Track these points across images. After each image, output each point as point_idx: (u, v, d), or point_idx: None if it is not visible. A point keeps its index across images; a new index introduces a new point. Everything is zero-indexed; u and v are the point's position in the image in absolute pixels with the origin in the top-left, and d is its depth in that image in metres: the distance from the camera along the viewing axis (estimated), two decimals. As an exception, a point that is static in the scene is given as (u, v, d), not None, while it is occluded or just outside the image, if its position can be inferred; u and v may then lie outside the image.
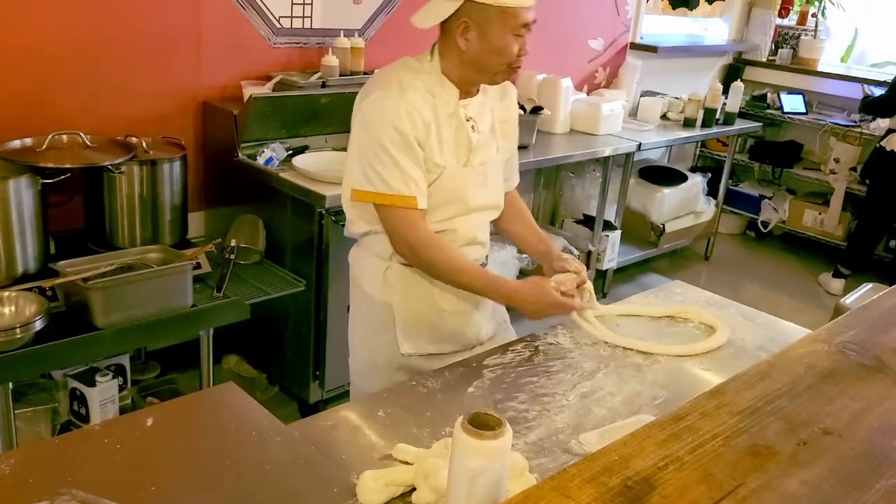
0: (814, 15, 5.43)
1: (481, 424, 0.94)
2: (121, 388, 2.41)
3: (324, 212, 2.50)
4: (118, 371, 2.43)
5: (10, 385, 1.98)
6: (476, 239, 1.80)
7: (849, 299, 2.31)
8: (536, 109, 3.63)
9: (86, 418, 2.30)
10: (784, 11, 5.40)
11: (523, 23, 1.59)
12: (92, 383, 2.28)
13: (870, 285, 2.45)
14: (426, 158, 1.64)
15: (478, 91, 1.73)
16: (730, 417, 0.97)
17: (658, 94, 4.59)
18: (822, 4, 5.38)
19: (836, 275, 4.60)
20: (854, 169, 4.84)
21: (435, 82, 1.66)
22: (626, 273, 4.50)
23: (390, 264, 1.75)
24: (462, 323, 1.80)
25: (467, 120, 1.70)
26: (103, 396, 2.30)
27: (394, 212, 1.63)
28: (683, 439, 0.92)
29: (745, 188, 5.36)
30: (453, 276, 1.67)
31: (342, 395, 2.83)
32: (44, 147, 2.25)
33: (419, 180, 1.63)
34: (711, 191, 4.90)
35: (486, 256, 1.87)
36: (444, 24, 1.63)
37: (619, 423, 1.37)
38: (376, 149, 1.60)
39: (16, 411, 2.07)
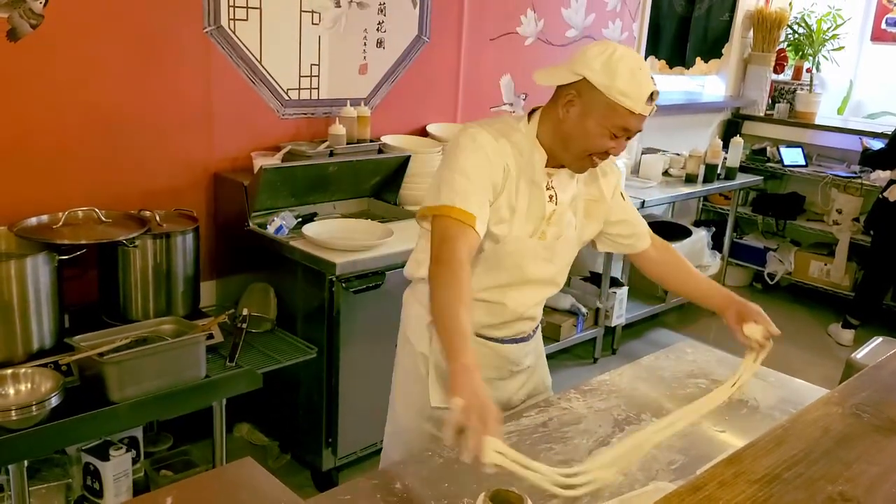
0: (808, 70, 5.55)
1: (503, 501, 0.94)
2: (134, 461, 2.40)
3: (334, 279, 2.53)
4: (131, 444, 2.42)
5: (26, 463, 1.98)
6: (524, 314, 1.77)
7: (859, 354, 2.32)
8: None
9: (99, 493, 2.29)
10: (779, 67, 5.52)
11: (625, 126, 1.58)
12: (106, 457, 2.27)
13: (880, 339, 2.45)
14: (497, 206, 1.62)
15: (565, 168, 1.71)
16: (748, 486, 0.97)
17: (659, 150, 4.66)
18: (816, 59, 5.50)
19: (846, 325, 4.59)
20: (857, 219, 4.88)
21: (526, 143, 1.66)
22: (636, 329, 4.50)
23: None
24: (492, 389, 1.80)
25: (548, 188, 1.68)
26: (117, 471, 2.29)
27: (446, 221, 1.54)
28: (703, 510, 0.92)
29: (750, 241, 5.39)
30: (442, 309, 1.45)
31: (355, 462, 2.81)
32: (60, 223, 2.30)
33: (483, 204, 1.58)
34: (716, 244, 4.93)
35: (535, 329, 1.87)
36: (556, 91, 1.64)
37: (637, 491, 1.37)
38: (455, 166, 1.59)
39: (30, 488, 2.07)
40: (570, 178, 1.73)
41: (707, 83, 5.46)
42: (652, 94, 1.57)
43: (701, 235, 4.74)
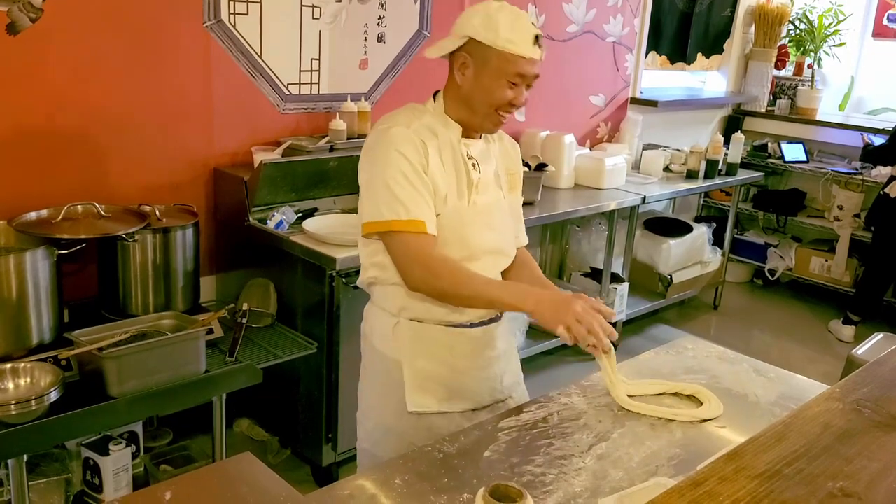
0: (809, 66, 5.54)
1: (502, 496, 0.94)
2: (133, 456, 2.40)
3: (334, 274, 2.53)
4: (131, 438, 2.42)
5: (25, 457, 1.98)
6: None
7: (860, 350, 2.31)
8: (541, 166, 3.68)
9: (99, 488, 2.29)
10: (780, 63, 5.51)
11: (519, 72, 1.61)
12: (105, 452, 2.27)
13: (881, 335, 2.45)
14: (430, 184, 1.64)
15: (480, 137, 1.76)
16: (749, 482, 0.97)
17: (660, 146, 4.65)
18: (818, 55, 5.49)
19: (847, 321, 4.58)
20: (858, 215, 4.87)
21: (437, 121, 1.69)
22: (636, 325, 4.50)
23: (399, 320, 1.74)
24: (474, 381, 1.79)
25: (469, 157, 1.71)
26: (116, 466, 2.29)
27: (402, 238, 1.60)
28: (704, 506, 0.92)
29: (751, 237, 5.39)
30: (471, 287, 1.59)
31: (355, 458, 2.80)
32: (59, 218, 2.30)
33: (426, 206, 1.61)
34: (717, 240, 4.93)
35: (502, 313, 1.84)
36: (450, 62, 1.69)
37: (638, 486, 1.37)
38: (383, 177, 1.61)
39: (29, 483, 2.07)
40: (486, 150, 1.76)
41: (708, 79, 5.45)
42: (537, 36, 1.61)
43: (702, 231, 4.74)
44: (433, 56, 1.71)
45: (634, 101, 4.63)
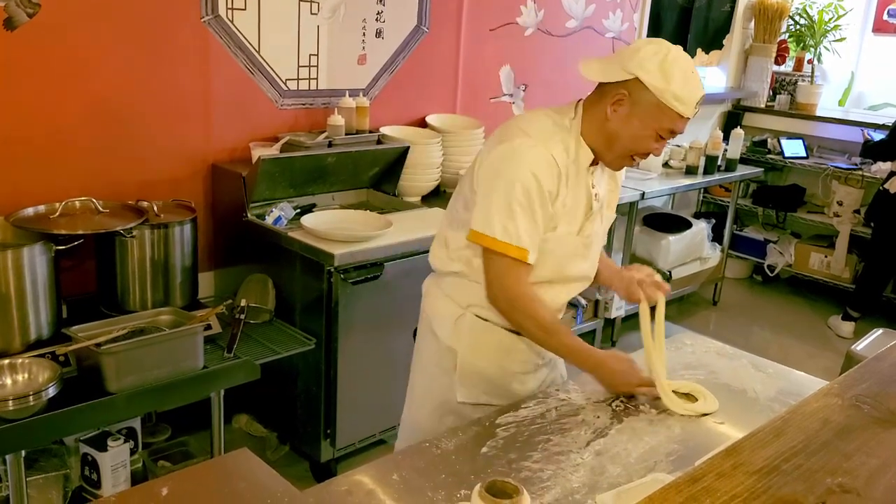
0: (809, 61, 5.52)
1: (499, 492, 0.94)
2: (132, 452, 2.40)
3: (333, 269, 2.52)
4: (129, 434, 2.42)
5: (23, 453, 1.98)
6: (558, 310, 1.82)
7: (859, 346, 2.31)
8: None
9: (97, 484, 2.29)
10: (780, 58, 5.50)
11: (673, 129, 1.58)
12: (104, 448, 2.27)
13: (880, 331, 2.45)
14: (551, 214, 1.63)
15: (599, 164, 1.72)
16: (747, 478, 0.97)
17: (659, 142, 4.63)
18: (818, 51, 5.47)
19: (846, 317, 4.58)
20: (857, 211, 4.87)
21: (573, 140, 1.65)
22: (635, 321, 4.47)
23: (464, 313, 1.76)
24: (520, 384, 1.81)
25: (593, 186, 1.69)
26: (115, 461, 2.29)
27: (503, 261, 1.60)
28: (701, 502, 0.91)
29: (750, 233, 5.38)
30: (545, 338, 1.67)
31: (354, 454, 2.81)
32: (57, 214, 2.29)
33: (538, 236, 1.61)
34: (716, 236, 4.92)
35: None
36: (603, 86, 1.63)
37: (635, 482, 1.36)
38: (509, 194, 1.57)
39: (27, 479, 2.07)
40: (602, 175, 1.73)
41: (708, 74, 5.43)
42: (701, 97, 1.58)
43: (701, 227, 4.73)
44: (594, 78, 1.64)
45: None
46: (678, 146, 4.54)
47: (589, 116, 1.65)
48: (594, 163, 1.68)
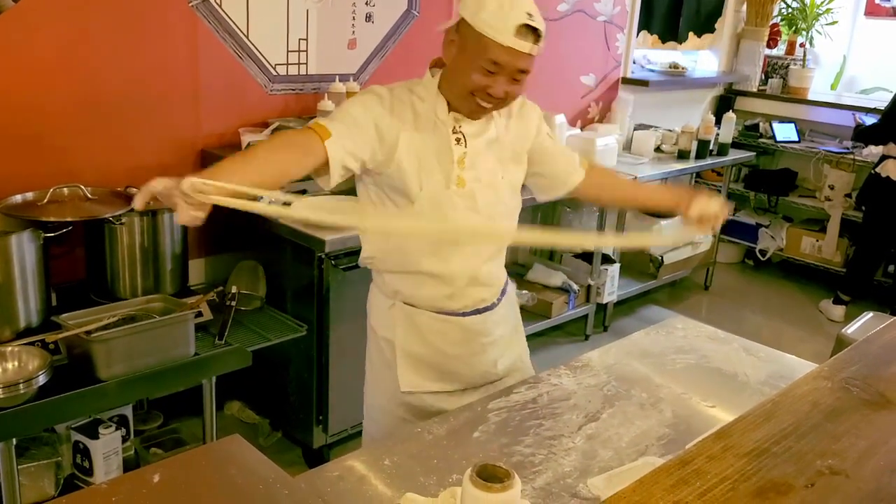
0: (801, 45, 5.51)
1: (490, 476, 0.94)
2: (124, 440, 2.39)
3: (324, 256, 2.51)
4: (121, 422, 2.42)
5: (14, 441, 1.97)
6: (479, 279, 1.74)
7: (850, 329, 2.32)
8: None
9: (89, 471, 2.29)
10: (772, 42, 5.49)
11: (493, 59, 1.52)
12: (95, 436, 2.26)
13: (871, 314, 2.45)
14: (399, 158, 1.60)
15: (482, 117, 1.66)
16: (737, 460, 0.97)
17: (651, 127, 4.63)
18: (810, 34, 5.47)
19: (837, 301, 4.60)
20: (849, 195, 4.88)
21: (427, 92, 1.65)
22: (627, 306, 4.51)
23: (395, 302, 1.76)
24: (466, 366, 1.80)
25: (454, 132, 1.65)
26: (106, 449, 2.28)
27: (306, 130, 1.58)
28: (692, 484, 0.92)
29: (742, 217, 5.39)
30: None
31: (346, 440, 2.81)
32: (45, 201, 2.27)
33: (349, 138, 1.55)
34: (708, 221, 4.92)
35: (500, 297, 1.84)
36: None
37: (627, 466, 1.37)
38: (340, 109, 1.63)
39: (19, 467, 2.06)
40: (486, 122, 1.68)
41: (700, 58, 5.42)
42: (526, 25, 1.49)
43: (693, 212, 4.72)
44: (441, 29, 1.66)
45: (625, 80, 4.60)
46: (670, 131, 4.53)
47: (443, 71, 1.67)
48: (467, 115, 1.64)
